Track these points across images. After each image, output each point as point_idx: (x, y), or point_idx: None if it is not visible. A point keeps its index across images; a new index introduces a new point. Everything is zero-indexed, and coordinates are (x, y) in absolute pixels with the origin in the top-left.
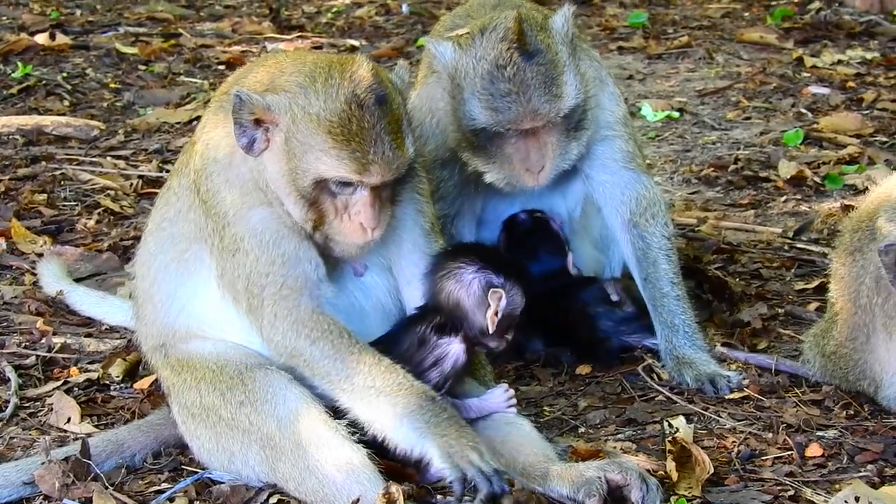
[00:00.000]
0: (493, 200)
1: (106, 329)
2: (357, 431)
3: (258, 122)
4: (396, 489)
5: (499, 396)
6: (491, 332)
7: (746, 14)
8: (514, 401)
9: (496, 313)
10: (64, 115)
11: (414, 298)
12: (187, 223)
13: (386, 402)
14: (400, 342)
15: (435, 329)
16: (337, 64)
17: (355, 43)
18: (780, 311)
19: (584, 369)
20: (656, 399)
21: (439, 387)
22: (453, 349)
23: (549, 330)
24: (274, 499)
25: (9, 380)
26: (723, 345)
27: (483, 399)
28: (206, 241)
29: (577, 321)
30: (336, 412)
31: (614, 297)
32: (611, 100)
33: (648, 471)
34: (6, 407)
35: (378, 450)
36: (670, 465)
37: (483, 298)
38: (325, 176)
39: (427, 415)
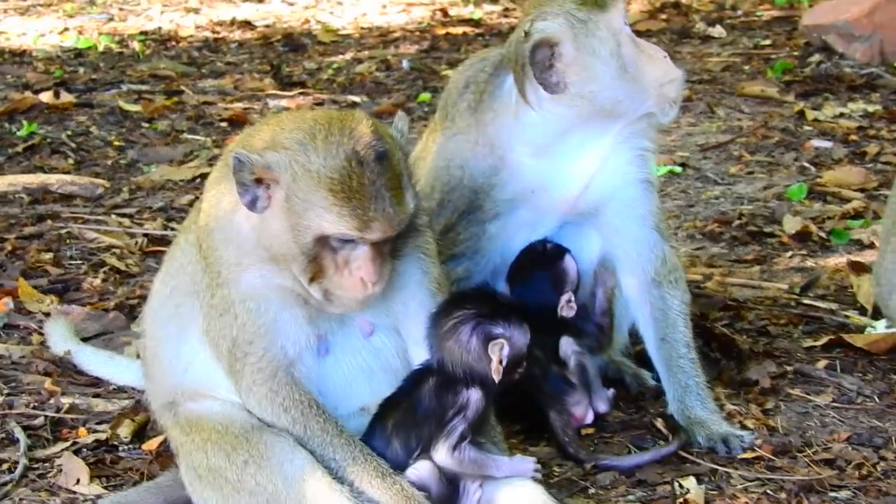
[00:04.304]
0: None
1: (114, 389)
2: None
3: (259, 181)
4: None
5: (528, 462)
6: (497, 381)
7: (747, 67)
8: (539, 474)
9: (500, 362)
10: (69, 173)
11: (423, 358)
12: (184, 275)
13: (344, 472)
14: (418, 401)
15: (448, 383)
16: (337, 120)
17: (356, 99)
18: (788, 368)
19: (591, 429)
20: (667, 459)
21: (464, 435)
22: (473, 397)
23: None
24: None
25: (17, 440)
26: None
27: (514, 460)
28: (198, 296)
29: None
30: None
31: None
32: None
33: None
34: (15, 468)
35: None
36: None
37: (484, 352)
38: (326, 233)
39: (377, 491)
